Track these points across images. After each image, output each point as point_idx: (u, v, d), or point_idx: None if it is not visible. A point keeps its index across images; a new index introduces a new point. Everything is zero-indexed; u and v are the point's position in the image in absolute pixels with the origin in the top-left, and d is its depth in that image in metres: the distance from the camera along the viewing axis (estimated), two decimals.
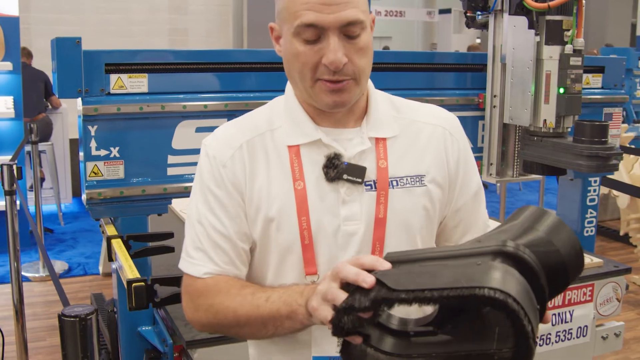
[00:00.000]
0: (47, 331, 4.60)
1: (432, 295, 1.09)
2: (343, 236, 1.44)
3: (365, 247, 1.45)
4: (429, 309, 1.21)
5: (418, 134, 1.52)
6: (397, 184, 1.47)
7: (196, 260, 1.47)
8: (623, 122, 6.79)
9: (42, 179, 7.20)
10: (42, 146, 6.79)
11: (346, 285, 1.18)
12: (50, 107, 7.47)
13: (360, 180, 1.44)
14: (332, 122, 1.47)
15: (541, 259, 1.15)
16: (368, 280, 1.14)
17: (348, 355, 1.21)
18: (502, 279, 1.07)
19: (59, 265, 5.97)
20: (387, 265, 1.17)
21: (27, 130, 5.72)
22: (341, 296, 1.17)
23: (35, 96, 6.97)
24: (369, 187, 1.45)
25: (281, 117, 1.49)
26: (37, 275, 5.64)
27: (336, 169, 1.43)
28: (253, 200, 1.44)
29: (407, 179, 1.48)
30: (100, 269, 5.75)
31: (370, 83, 1.51)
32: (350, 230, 1.44)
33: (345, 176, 1.43)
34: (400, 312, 1.17)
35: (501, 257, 1.13)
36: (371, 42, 1.40)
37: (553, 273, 1.17)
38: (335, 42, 1.33)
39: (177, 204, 3.65)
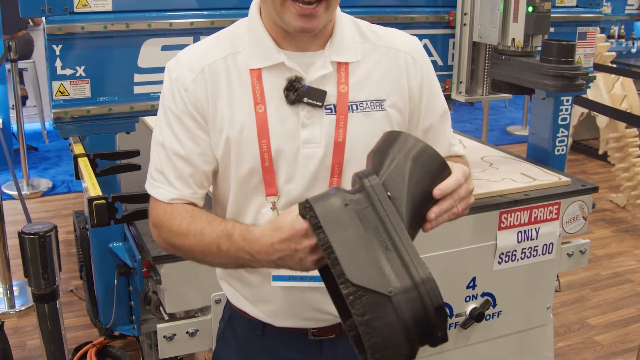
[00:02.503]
0: None
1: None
2: (303, 159, 1.47)
3: (324, 170, 1.48)
4: None
5: (380, 59, 1.53)
6: (357, 108, 1.49)
7: (157, 182, 1.51)
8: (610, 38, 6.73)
9: (25, 97, 7.16)
10: (23, 64, 6.73)
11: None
12: (31, 24, 7.36)
13: (320, 103, 1.46)
14: (296, 45, 1.47)
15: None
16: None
17: None
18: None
19: (44, 183, 6.02)
20: None
21: (6, 48, 5.66)
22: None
23: (15, 13, 6.84)
24: (329, 110, 1.47)
25: (244, 39, 1.49)
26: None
27: (296, 92, 1.44)
28: (216, 123, 1.47)
29: (367, 104, 1.49)
30: None
31: (337, 8, 1.51)
32: (309, 152, 1.47)
33: (305, 99, 1.45)
34: None
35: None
36: None
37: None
38: None
39: (152, 120, 3.66)
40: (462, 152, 1.68)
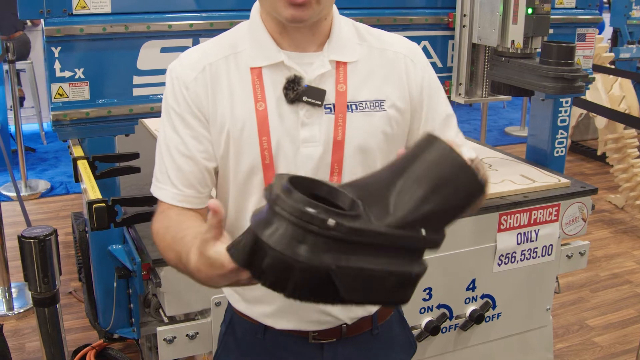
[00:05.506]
0: None
1: None
2: (302, 158, 1.47)
3: (323, 169, 1.48)
4: None
5: (379, 61, 1.54)
6: (357, 108, 1.49)
7: (160, 183, 1.51)
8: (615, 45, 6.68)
9: (22, 98, 7.15)
10: (21, 65, 6.72)
11: None
12: (29, 24, 7.34)
13: (319, 102, 1.46)
14: (295, 44, 1.48)
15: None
16: None
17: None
18: None
19: (42, 185, 6.01)
20: None
21: (3, 49, 5.65)
22: None
23: (12, 13, 6.84)
24: (329, 110, 1.47)
25: (245, 40, 1.50)
26: None
27: (295, 91, 1.45)
28: (217, 121, 1.47)
29: (366, 104, 1.50)
30: None
31: (335, 9, 1.51)
32: (308, 152, 1.47)
33: (304, 98, 1.45)
34: None
35: None
36: None
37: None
38: None
39: (151, 123, 3.66)
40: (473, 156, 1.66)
